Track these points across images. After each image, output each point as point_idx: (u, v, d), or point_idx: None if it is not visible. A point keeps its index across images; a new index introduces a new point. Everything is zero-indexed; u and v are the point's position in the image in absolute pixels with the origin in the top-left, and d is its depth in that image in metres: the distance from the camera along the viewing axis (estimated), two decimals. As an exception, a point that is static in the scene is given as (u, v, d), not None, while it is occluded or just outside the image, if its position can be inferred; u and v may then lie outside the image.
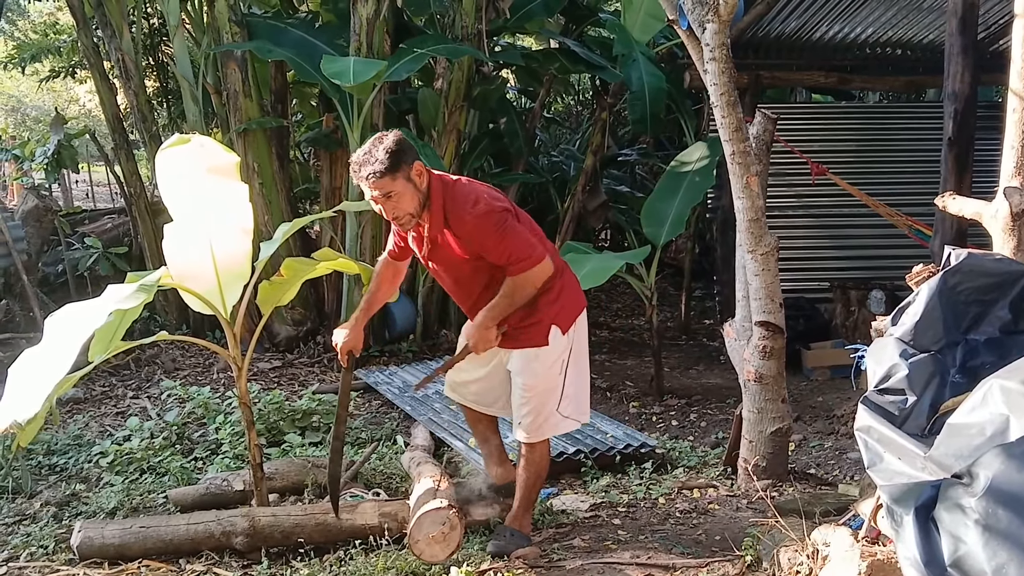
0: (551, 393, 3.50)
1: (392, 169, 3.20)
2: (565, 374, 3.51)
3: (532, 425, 3.52)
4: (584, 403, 3.67)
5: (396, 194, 3.24)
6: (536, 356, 3.47)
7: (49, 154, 8.18)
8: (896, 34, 8.11)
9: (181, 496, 4.19)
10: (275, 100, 8.11)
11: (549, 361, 3.47)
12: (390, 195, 3.25)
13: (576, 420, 3.64)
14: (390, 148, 3.21)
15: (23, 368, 2.86)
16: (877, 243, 8.03)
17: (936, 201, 3.35)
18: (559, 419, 3.55)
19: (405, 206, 3.28)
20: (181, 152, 3.51)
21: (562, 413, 3.54)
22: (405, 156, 3.24)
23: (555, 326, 3.45)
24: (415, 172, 3.26)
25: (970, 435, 1.96)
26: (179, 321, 7.99)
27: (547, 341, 3.45)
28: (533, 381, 3.49)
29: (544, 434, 3.57)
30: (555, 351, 3.47)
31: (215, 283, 3.59)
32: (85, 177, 17.11)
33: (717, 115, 3.99)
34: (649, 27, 7.67)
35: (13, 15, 16.59)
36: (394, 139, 3.25)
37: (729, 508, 4.05)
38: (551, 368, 3.48)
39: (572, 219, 8.54)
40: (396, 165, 3.20)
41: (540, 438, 3.56)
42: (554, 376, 3.49)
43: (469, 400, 3.80)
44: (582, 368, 3.62)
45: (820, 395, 6.50)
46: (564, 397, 3.52)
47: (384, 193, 3.24)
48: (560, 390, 3.51)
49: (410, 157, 3.26)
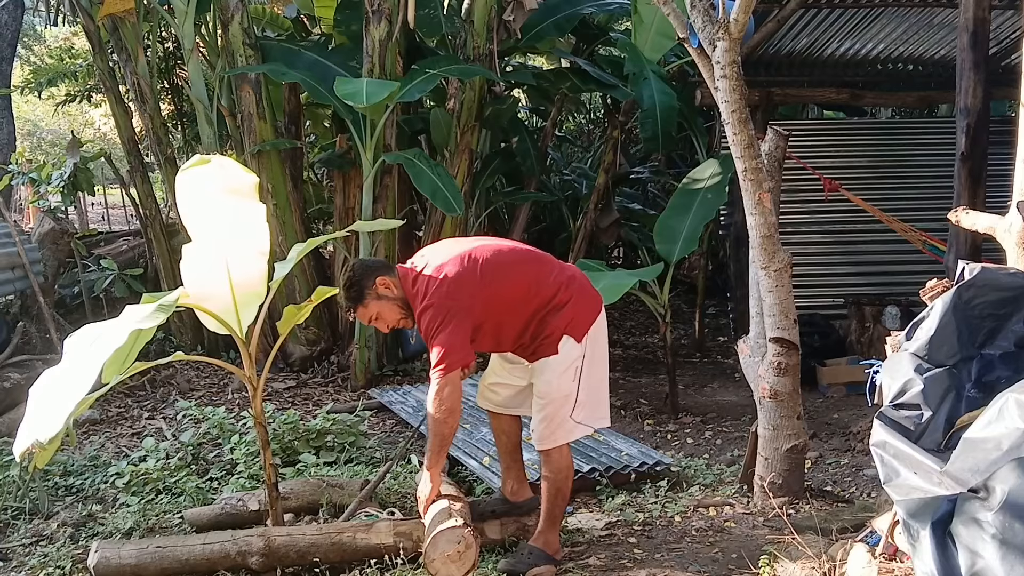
0: (565, 400, 3.56)
1: (357, 300, 3.53)
2: (579, 380, 3.56)
3: (545, 431, 3.58)
4: (600, 408, 3.71)
5: (377, 314, 3.56)
6: (547, 365, 3.55)
7: (65, 177, 8.25)
8: (907, 50, 8.12)
9: (197, 516, 4.20)
10: (289, 121, 8.18)
11: (561, 368, 3.53)
12: (373, 317, 3.57)
13: (590, 426, 3.69)
14: (348, 283, 3.55)
15: (44, 388, 2.88)
16: (891, 259, 8.01)
17: (949, 216, 3.35)
18: (572, 425, 3.60)
19: (389, 318, 3.58)
20: (201, 173, 3.54)
21: (575, 419, 3.59)
22: (365, 281, 3.52)
23: (567, 335, 3.53)
24: (381, 288, 3.52)
25: (986, 449, 1.96)
26: (194, 342, 8.03)
27: (557, 350, 3.52)
28: (547, 389, 3.56)
29: (558, 440, 3.60)
30: (567, 359, 3.53)
31: (231, 303, 3.61)
32: (100, 200, 17.23)
33: (729, 132, 4.00)
34: (660, 46, 7.71)
35: (29, 40, 16.82)
36: (349, 274, 3.57)
37: (745, 526, 4.03)
38: (564, 375, 3.54)
39: (585, 237, 8.56)
40: (360, 295, 3.52)
41: (554, 444, 3.60)
42: (567, 383, 3.55)
43: (496, 405, 3.87)
44: (598, 374, 3.67)
45: (836, 412, 6.46)
46: (578, 404, 3.57)
47: (367, 319, 3.59)
48: (574, 396, 3.56)
49: (370, 279, 3.52)
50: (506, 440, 3.93)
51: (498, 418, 3.90)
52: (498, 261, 3.57)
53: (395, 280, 3.54)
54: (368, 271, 3.56)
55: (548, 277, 3.60)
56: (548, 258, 3.76)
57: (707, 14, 3.89)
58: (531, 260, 3.68)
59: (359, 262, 3.72)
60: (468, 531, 3.29)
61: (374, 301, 3.52)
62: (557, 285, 3.58)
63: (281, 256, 4.00)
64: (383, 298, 3.52)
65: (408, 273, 3.56)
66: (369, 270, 3.57)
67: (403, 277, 3.55)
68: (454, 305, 3.42)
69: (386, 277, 3.53)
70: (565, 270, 3.71)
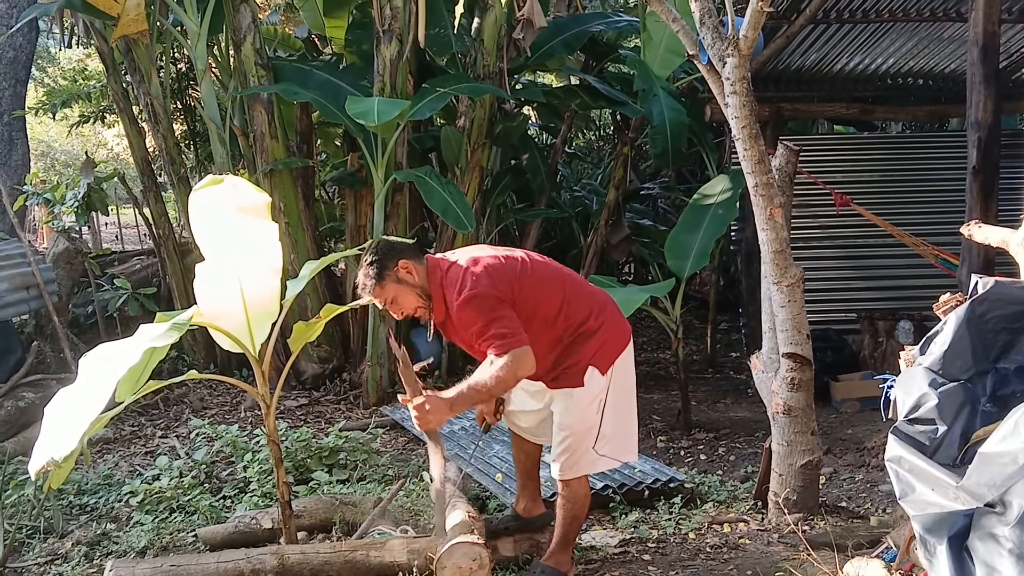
0: (588, 433, 3.47)
1: (377, 279, 3.36)
2: (603, 413, 3.46)
3: (567, 463, 3.50)
4: (627, 442, 3.61)
5: (393, 298, 3.40)
6: (571, 396, 3.45)
7: (79, 197, 8.30)
8: (917, 64, 8.12)
9: (210, 535, 4.20)
10: (300, 140, 8.23)
11: (585, 401, 3.44)
12: (389, 301, 3.40)
13: (614, 459, 3.59)
14: (370, 260, 3.37)
15: (58, 407, 2.90)
16: (904, 273, 7.98)
17: (961, 230, 3.34)
18: (595, 457, 3.51)
19: (406, 305, 3.42)
20: (214, 193, 3.56)
21: (598, 451, 3.49)
22: (387, 262, 3.36)
23: (592, 367, 3.42)
24: (402, 271, 3.36)
25: (1002, 464, 1.95)
26: (207, 360, 8.05)
27: (583, 382, 3.42)
28: (569, 420, 3.47)
29: (579, 471, 3.53)
30: (591, 392, 3.43)
31: (244, 321, 3.63)
32: (114, 219, 17.33)
33: (739, 148, 4.01)
34: (669, 62, 7.74)
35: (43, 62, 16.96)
36: (373, 250, 3.40)
37: (760, 542, 4.01)
38: (588, 408, 3.45)
39: (595, 253, 8.57)
40: (380, 275, 3.36)
41: (574, 475, 3.52)
42: (591, 416, 3.45)
43: (520, 429, 3.82)
44: (624, 408, 3.57)
45: (850, 427, 6.43)
46: (601, 436, 3.47)
47: (382, 301, 3.40)
48: (597, 429, 3.46)
49: (391, 261, 3.36)
50: (525, 459, 3.89)
51: (520, 440, 3.85)
52: (537, 267, 3.47)
53: (419, 266, 3.39)
54: (392, 251, 3.41)
55: (582, 300, 3.49)
56: (583, 281, 3.67)
57: (716, 31, 3.90)
58: (567, 278, 3.56)
59: (384, 240, 3.52)
60: (487, 553, 3.27)
61: (392, 284, 3.36)
62: (589, 310, 3.47)
63: (293, 274, 4.02)
64: (403, 282, 3.36)
65: (439, 263, 3.42)
66: (394, 251, 3.42)
67: (432, 266, 3.40)
68: (498, 295, 3.27)
69: (409, 261, 3.38)
70: (597, 296, 3.60)
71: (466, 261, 3.37)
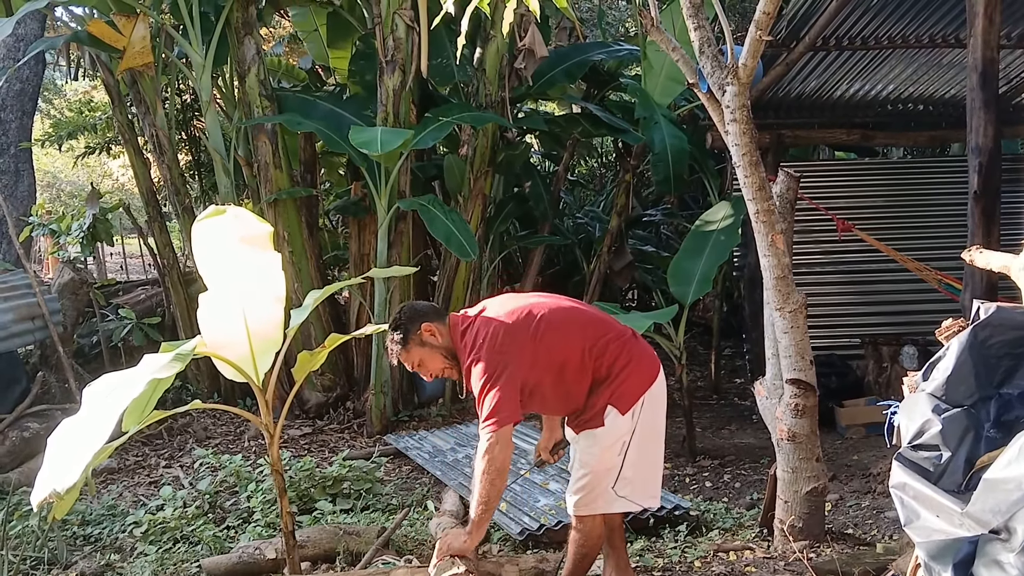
0: (607, 473, 3.36)
1: (403, 344, 3.37)
2: (625, 455, 3.35)
3: (583, 500, 3.41)
4: (649, 487, 3.49)
5: (420, 361, 3.40)
6: (594, 436, 3.35)
7: (85, 228, 8.35)
8: (917, 90, 8.16)
9: (214, 565, 4.19)
10: (304, 170, 8.28)
11: (607, 442, 3.33)
12: (416, 364, 3.41)
13: (634, 502, 3.47)
14: (393, 326, 3.39)
15: (62, 438, 2.90)
16: (907, 298, 7.97)
17: (963, 255, 3.34)
18: (613, 497, 3.39)
19: (432, 367, 3.42)
20: (217, 223, 3.58)
21: (617, 492, 3.38)
22: (410, 326, 3.36)
23: (611, 406, 3.32)
24: (426, 334, 3.36)
25: (1007, 490, 1.94)
26: (211, 389, 8.05)
27: (603, 422, 3.33)
28: (589, 459, 3.38)
29: (595, 510, 3.42)
30: (614, 433, 3.32)
31: (248, 351, 3.63)
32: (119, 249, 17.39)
33: (740, 175, 4.02)
34: (670, 90, 7.80)
35: (49, 94, 17.10)
36: (397, 316, 3.42)
37: (766, 570, 3.99)
38: (609, 449, 3.34)
39: (598, 280, 8.58)
40: (405, 340, 3.36)
41: (589, 513, 3.42)
42: (612, 457, 3.35)
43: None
44: (649, 452, 3.44)
45: (855, 453, 6.41)
46: (621, 478, 3.36)
47: (410, 364, 3.42)
48: (617, 471, 3.35)
49: (415, 325, 3.36)
50: None
51: None
52: (553, 319, 3.38)
53: (443, 328, 3.37)
54: (415, 316, 3.40)
55: (605, 342, 3.39)
56: (606, 320, 3.56)
57: (716, 59, 3.93)
58: (589, 323, 3.45)
59: (409, 305, 3.52)
60: None
61: (417, 347, 3.36)
62: (616, 353, 3.37)
63: (297, 303, 4.03)
64: (427, 345, 3.35)
65: (459, 322, 3.40)
66: (417, 314, 3.41)
67: (453, 326, 3.39)
68: (503, 359, 3.22)
69: (433, 324, 3.36)
70: (623, 333, 3.48)
71: (483, 321, 3.34)
